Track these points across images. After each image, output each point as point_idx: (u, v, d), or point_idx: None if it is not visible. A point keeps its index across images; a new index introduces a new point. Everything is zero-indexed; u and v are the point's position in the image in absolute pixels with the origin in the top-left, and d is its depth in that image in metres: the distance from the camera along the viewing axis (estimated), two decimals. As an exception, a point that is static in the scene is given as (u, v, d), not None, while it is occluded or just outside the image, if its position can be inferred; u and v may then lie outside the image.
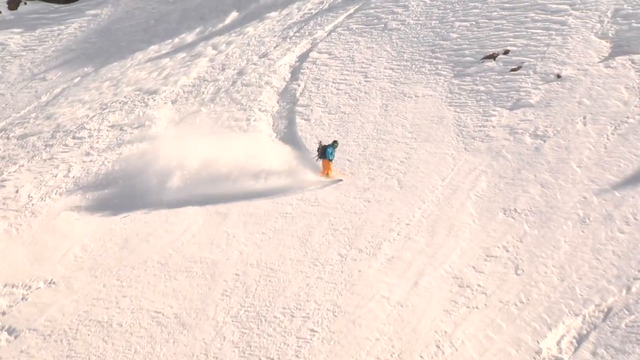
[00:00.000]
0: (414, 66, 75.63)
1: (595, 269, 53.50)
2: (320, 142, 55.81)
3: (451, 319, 52.38)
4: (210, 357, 51.99)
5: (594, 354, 48.66)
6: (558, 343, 49.88)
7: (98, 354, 53.10)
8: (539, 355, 49.33)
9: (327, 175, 62.05)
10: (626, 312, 50.56)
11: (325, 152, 63.12)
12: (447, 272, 55.36)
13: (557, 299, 52.35)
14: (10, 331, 55.52)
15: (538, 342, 50.14)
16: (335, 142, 63.07)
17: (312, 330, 52.75)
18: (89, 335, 54.45)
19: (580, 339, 49.69)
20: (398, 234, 58.94)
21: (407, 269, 56.39)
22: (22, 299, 58.06)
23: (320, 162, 62.56)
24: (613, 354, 48.17)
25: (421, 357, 50.32)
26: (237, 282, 57.46)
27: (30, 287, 59.20)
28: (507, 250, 56.19)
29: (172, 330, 54.06)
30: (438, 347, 50.75)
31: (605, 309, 51.10)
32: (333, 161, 61.83)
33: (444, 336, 51.33)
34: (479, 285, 54.19)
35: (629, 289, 51.75)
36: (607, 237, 55.44)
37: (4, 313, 56.54)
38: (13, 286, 59.09)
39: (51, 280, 59.14)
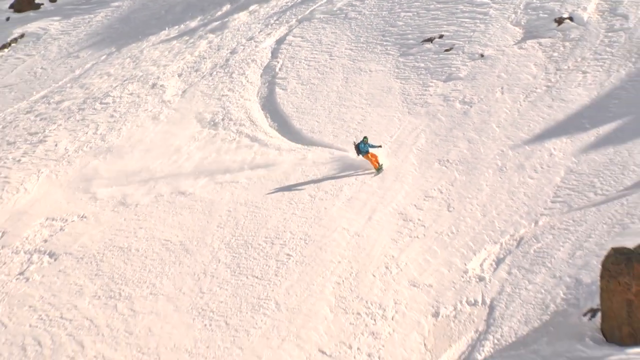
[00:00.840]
0: (368, 47, 75.67)
1: (510, 207, 53.72)
2: (354, 141, 53.72)
3: (397, 246, 52.56)
4: (208, 276, 52.08)
5: (509, 273, 48.85)
6: (481, 265, 50.06)
7: (120, 273, 53.21)
8: (466, 275, 49.50)
9: (376, 162, 59.17)
10: (534, 240, 50.80)
11: (359, 148, 59.55)
12: (394, 209, 55.53)
13: (480, 230, 52.55)
14: (51, 255, 55.50)
15: (465, 264, 50.34)
16: (365, 137, 58.99)
17: (288, 254, 52.90)
18: (112, 258, 54.51)
19: (498, 262, 49.89)
20: (356, 179, 59.01)
21: (362, 206, 56.55)
22: (60, 229, 58.01)
23: (363, 157, 59.57)
24: (524, 273, 48.38)
25: (374, 275, 50.49)
26: (229, 216, 57.59)
27: (66, 220, 59.19)
28: (441, 192, 56.39)
29: (178, 255, 54.20)
30: (387, 267, 50.93)
31: (518, 238, 51.32)
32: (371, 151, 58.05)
33: (392, 259, 51.51)
34: (419, 220, 54.41)
35: (536, 222, 52.02)
36: (520, 182, 55.68)
37: (45, 241, 56.52)
38: (53, 220, 59.09)
39: (83, 215, 59.25)
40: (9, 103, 67.52)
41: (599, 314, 44.35)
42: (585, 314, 45.25)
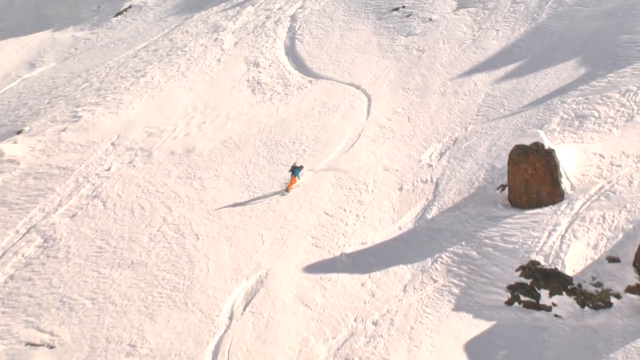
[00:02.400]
0: (355, 14, 74.77)
1: (449, 118, 54.32)
2: (295, 163, 49.85)
3: (375, 144, 52.68)
4: (252, 164, 52.08)
5: (448, 162, 49.60)
6: (430, 156, 50.68)
7: (194, 162, 53.15)
8: (420, 163, 50.38)
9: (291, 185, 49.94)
10: (465, 140, 51.39)
11: (293, 170, 50.37)
12: (374, 121, 55.48)
13: (429, 134, 53.05)
14: (149, 151, 55.24)
15: (420, 156, 50.75)
16: (302, 166, 50.71)
17: (304, 150, 52.81)
18: (189, 153, 54.07)
19: (441, 154, 50.52)
20: (347, 104, 58.66)
21: (353, 119, 56.35)
22: (155, 135, 57.36)
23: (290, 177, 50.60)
24: (458, 162, 49.28)
25: (359, 161, 50.53)
26: (265, 125, 57.28)
27: (159, 129, 58.47)
28: (404, 109, 56.62)
29: (232, 150, 54.10)
30: (368, 158, 50.86)
31: (454, 139, 51.86)
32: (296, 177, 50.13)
33: (373, 152, 51.88)
34: (389, 127, 54.46)
35: (466, 128, 52.59)
36: (455, 102, 56.11)
37: (145, 142, 55.94)
38: (150, 128, 58.27)
39: (169, 126, 58.25)
40: (122, 51, 66.91)
41: (507, 189, 44.79)
42: (497, 188, 46.02)
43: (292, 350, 38.01)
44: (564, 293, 39.04)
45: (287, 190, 46.28)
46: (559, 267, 39.84)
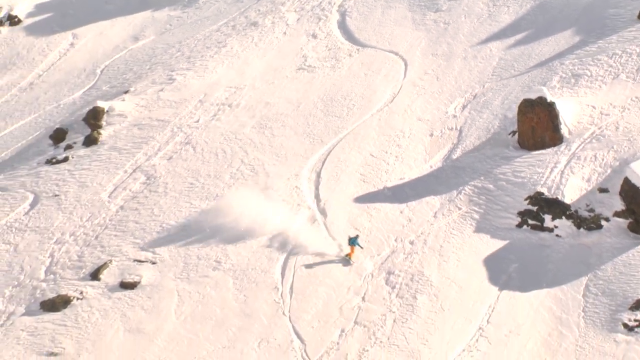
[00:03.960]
0: None
1: (469, 77, 53.41)
2: (349, 235, 38.83)
3: (410, 99, 52.44)
4: (312, 116, 51.81)
5: (469, 112, 49.00)
6: (454, 108, 50.17)
7: (265, 114, 52.42)
8: (447, 114, 49.90)
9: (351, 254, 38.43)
10: (482, 95, 50.84)
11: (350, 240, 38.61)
12: (409, 81, 54.65)
13: (453, 90, 52.30)
14: (230, 105, 53.94)
15: (446, 108, 50.06)
16: (357, 235, 38.80)
17: (353, 104, 52.20)
18: (261, 108, 53.35)
19: (463, 107, 50.10)
20: (388, 65, 57.26)
21: (392, 79, 55.18)
22: (235, 92, 56.25)
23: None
24: (477, 113, 49.10)
25: (398, 115, 50.04)
26: (321, 84, 55.79)
27: (238, 87, 57.03)
28: (433, 71, 55.63)
29: (295, 105, 53.34)
30: (405, 110, 50.45)
31: (474, 94, 51.01)
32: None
33: (409, 105, 51.69)
34: (422, 86, 53.86)
35: (483, 86, 51.93)
36: (474, 65, 55.35)
37: (226, 99, 54.89)
38: (231, 87, 56.58)
39: (246, 84, 57.24)
40: (207, 27, 66.16)
41: (517, 134, 44.69)
42: (509, 134, 46.02)
43: (344, 266, 38.28)
44: (563, 217, 39.73)
45: (349, 259, 37.46)
46: (560, 197, 40.55)
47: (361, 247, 37.99)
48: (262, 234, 39.81)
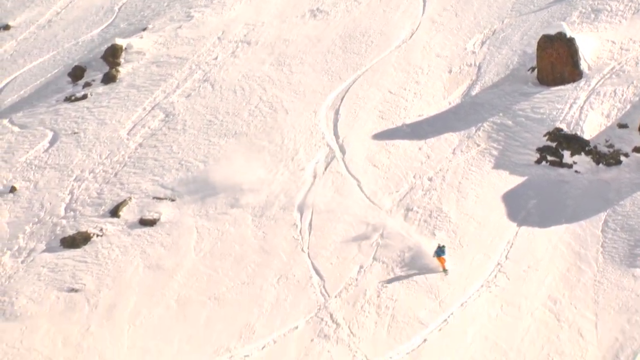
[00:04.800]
0: None
1: (488, 14, 51.87)
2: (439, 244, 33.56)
3: (429, 36, 51.06)
4: (330, 53, 50.59)
5: (488, 49, 47.98)
6: (473, 44, 49.34)
7: (283, 51, 51.32)
8: (465, 50, 48.98)
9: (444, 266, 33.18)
10: (501, 31, 50.03)
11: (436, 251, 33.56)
12: (428, 17, 53.07)
13: (472, 27, 51.34)
14: (248, 42, 52.90)
15: (465, 44, 49.08)
16: (443, 246, 33.41)
17: (371, 41, 50.80)
18: (279, 44, 52.20)
19: (482, 43, 49.14)
20: (406, 0, 55.64)
21: (411, 16, 53.63)
22: (252, 30, 54.98)
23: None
24: (496, 49, 48.04)
25: (417, 49, 48.66)
26: (339, 23, 54.25)
27: (259, 27, 55.81)
28: (452, 7, 53.82)
29: (314, 42, 52.15)
30: (424, 47, 49.41)
31: (493, 30, 50.20)
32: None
33: (427, 42, 50.43)
34: (440, 22, 52.47)
35: (502, 22, 50.86)
36: (493, 0, 52.94)
37: (245, 35, 53.68)
38: (249, 25, 55.43)
39: (264, 21, 56.07)
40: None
41: (536, 70, 43.95)
42: (528, 70, 45.10)
43: (363, 201, 37.53)
44: (582, 153, 39.01)
45: (445, 271, 32.73)
46: (579, 133, 39.74)
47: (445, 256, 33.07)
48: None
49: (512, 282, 32.46)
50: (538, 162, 39.05)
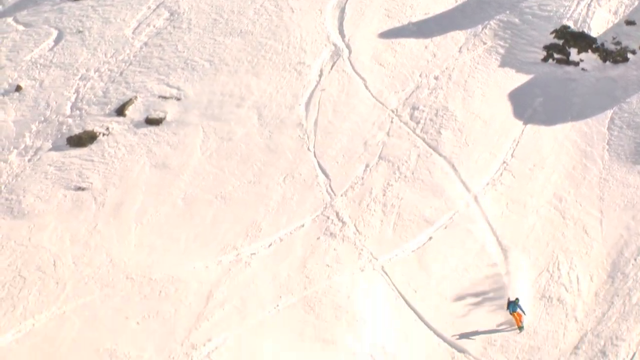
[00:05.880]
0: None
1: None
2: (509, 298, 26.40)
3: None
4: None
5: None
6: None
7: None
8: None
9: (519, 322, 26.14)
10: None
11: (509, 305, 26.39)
12: None
13: None
14: None
15: None
16: (517, 299, 26.09)
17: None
18: None
19: None
20: None
21: None
22: None
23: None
24: None
25: None
26: None
27: None
28: None
29: None
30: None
31: None
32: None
33: None
34: None
35: None
36: None
37: None
38: None
39: None
40: None
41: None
42: None
43: (369, 100, 36.08)
44: (589, 51, 37.56)
45: (520, 329, 25.83)
46: (586, 30, 38.21)
47: (524, 312, 26.14)
48: None
49: (518, 180, 31.51)
50: (545, 60, 37.54)
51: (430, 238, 29.28)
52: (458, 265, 28.27)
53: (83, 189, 32.07)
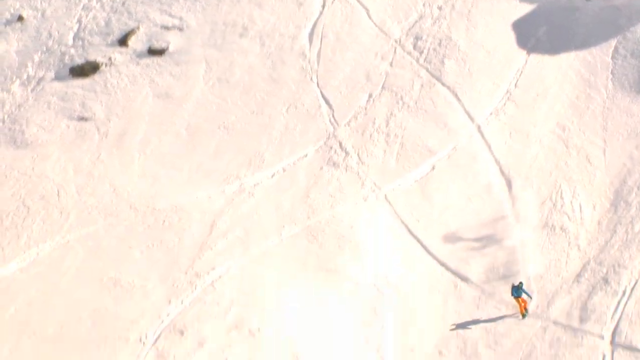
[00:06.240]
0: None
1: None
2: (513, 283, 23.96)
3: None
4: None
5: None
6: None
7: None
8: None
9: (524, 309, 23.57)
10: None
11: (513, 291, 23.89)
12: None
13: None
14: None
15: None
16: (520, 282, 23.63)
17: None
18: None
19: None
20: None
21: None
22: None
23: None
24: None
25: None
26: None
27: None
28: None
29: None
30: None
31: None
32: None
33: None
34: None
35: None
36: None
37: None
38: None
39: None
40: None
41: None
42: None
43: (372, 30, 34.45)
44: None
45: (524, 315, 23.26)
46: None
47: (529, 297, 23.64)
48: None
49: (521, 109, 30.24)
50: (547, 10, 35.92)
51: (433, 168, 28.31)
52: (461, 195, 27.40)
53: (86, 119, 31.14)
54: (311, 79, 32.53)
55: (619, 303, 22.76)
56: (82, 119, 31.06)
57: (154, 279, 24.02)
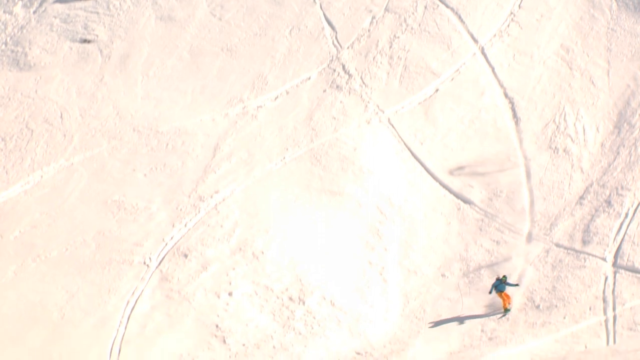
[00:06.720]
0: None
1: None
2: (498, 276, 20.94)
3: None
4: None
5: None
6: None
7: None
8: None
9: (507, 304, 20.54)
10: None
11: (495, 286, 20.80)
12: None
13: None
14: None
15: None
16: (504, 276, 20.57)
17: None
18: None
19: None
20: None
21: None
22: None
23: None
24: None
25: None
26: None
27: None
28: None
29: None
30: None
31: None
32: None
33: None
34: None
35: None
36: None
37: None
38: None
39: None
40: None
41: None
42: None
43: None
44: None
45: (506, 310, 20.31)
46: None
47: (517, 285, 20.85)
48: None
49: (525, 31, 28.48)
50: None
51: (437, 90, 26.83)
52: (464, 117, 26.05)
53: (89, 41, 29.57)
54: (314, 0, 30.66)
55: (621, 225, 21.73)
56: (85, 41, 29.42)
57: (157, 202, 23.08)
